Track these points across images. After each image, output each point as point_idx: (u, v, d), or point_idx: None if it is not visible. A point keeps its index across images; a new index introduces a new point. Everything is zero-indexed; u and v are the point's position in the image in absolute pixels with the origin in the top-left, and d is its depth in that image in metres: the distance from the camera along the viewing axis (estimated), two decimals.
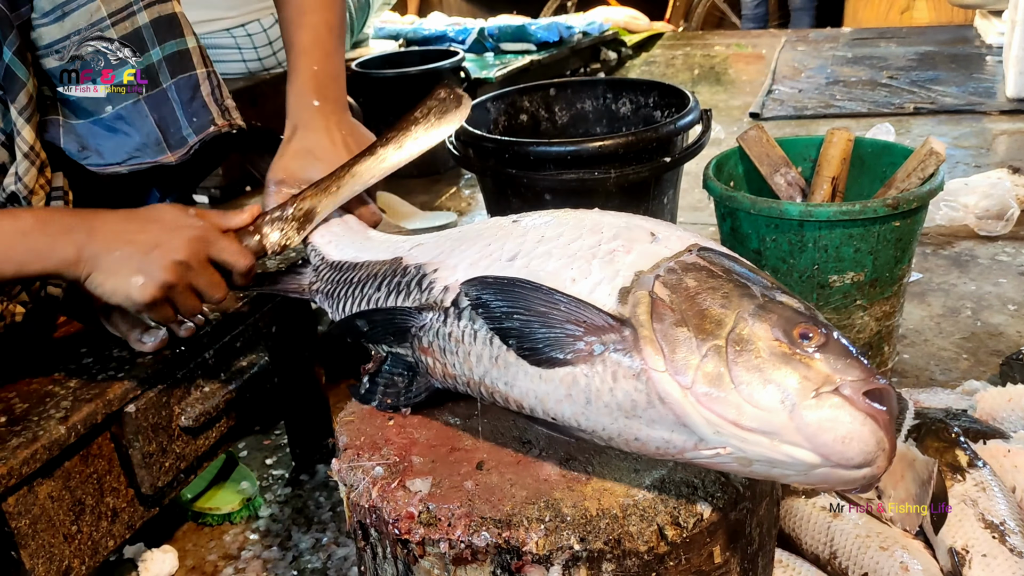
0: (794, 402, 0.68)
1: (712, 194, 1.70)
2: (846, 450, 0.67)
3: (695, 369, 0.71)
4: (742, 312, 0.74)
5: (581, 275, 0.81)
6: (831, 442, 0.67)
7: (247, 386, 1.36)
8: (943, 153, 1.61)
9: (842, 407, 0.68)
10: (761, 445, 0.69)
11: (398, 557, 0.85)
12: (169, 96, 1.21)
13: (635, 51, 5.09)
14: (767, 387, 0.69)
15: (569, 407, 0.78)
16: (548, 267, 0.83)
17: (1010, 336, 1.92)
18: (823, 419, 0.67)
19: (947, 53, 4.45)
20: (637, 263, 0.80)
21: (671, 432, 0.73)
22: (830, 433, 0.67)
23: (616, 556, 0.78)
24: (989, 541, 1.20)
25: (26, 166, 1.14)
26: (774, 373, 0.70)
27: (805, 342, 0.71)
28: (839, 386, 0.69)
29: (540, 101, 2.22)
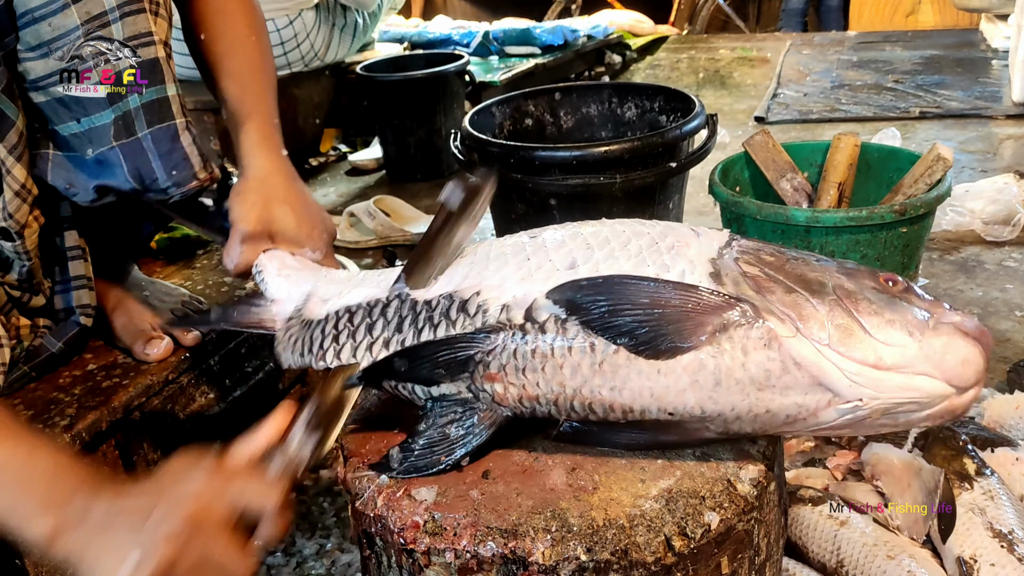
0: (920, 333, 0.75)
1: (718, 199, 1.69)
2: (965, 372, 0.75)
3: (827, 325, 0.76)
4: (831, 272, 0.81)
5: (661, 270, 0.81)
6: (955, 366, 0.75)
7: (252, 392, 1.36)
8: (950, 159, 1.60)
9: (956, 334, 0.76)
10: (897, 382, 0.75)
11: (403, 566, 0.84)
12: (144, 146, 1.15)
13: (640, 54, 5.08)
14: (894, 325, 0.76)
15: (694, 395, 0.79)
16: (623, 267, 0.82)
17: (1017, 342, 1.91)
18: (946, 345, 0.75)
19: (953, 57, 4.43)
20: (703, 253, 0.83)
21: (804, 395, 0.77)
22: (953, 357, 0.75)
23: (623, 567, 0.78)
24: (997, 550, 1.19)
25: (17, 204, 1.12)
26: (894, 313, 0.77)
27: (893, 286, 0.80)
28: (943, 319, 0.77)
29: (545, 105, 2.21)
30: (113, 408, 1.15)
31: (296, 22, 3.08)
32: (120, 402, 1.16)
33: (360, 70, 3.17)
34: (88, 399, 1.15)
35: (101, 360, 1.24)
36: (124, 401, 1.17)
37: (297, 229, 1.12)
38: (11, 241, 1.14)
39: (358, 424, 0.99)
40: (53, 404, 1.14)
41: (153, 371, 1.21)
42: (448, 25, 4.55)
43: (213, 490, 0.78)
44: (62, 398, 1.15)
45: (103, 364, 1.23)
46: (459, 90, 3.21)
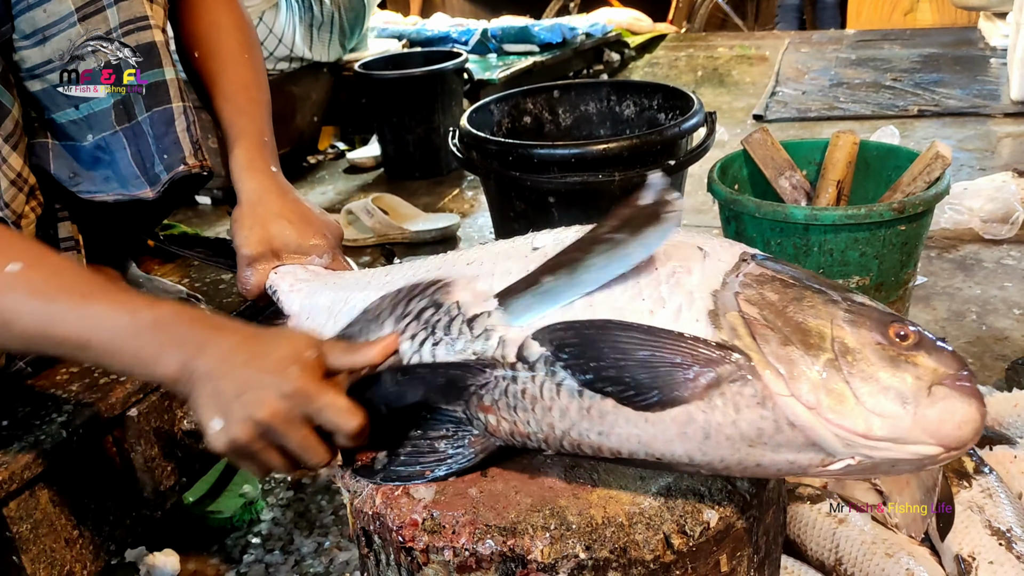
0: (915, 403, 0.71)
1: (717, 197, 1.69)
2: (962, 434, 0.71)
3: (818, 388, 0.71)
4: (836, 320, 0.75)
5: (656, 305, 0.77)
6: (951, 431, 0.71)
7: None
8: (949, 157, 1.60)
9: (951, 396, 0.72)
10: (890, 450, 0.72)
11: (402, 564, 0.84)
12: (144, 128, 1.15)
13: (638, 52, 5.08)
14: (888, 394, 0.71)
15: (682, 445, 0.76)
16: (616, 302, 0.78)
17: (1016, 340, 1.91)
18: (941, 412, 0.71)
19: (951, 55, 4.44)
20: (705, 283, 0.78)
21: (798, 453, 0.74)
22: (949, 423, 0.71)
23: (622, 565, 0.78)
24: (996, 548, 1.19)
25: (13, 193, 1.11)
26: (890, 379, 0.72)
27: (903, 341, 0.74)
28: (943, 379, 0.72)
29: (544, 103, 2.21)
30: (110, 404, 1.14)
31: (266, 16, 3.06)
32: (117, 398, 1.15)
33: (358, 67, 3.16)
34: (85, 395, 1.14)
35: None
36: (121, 397, 1.16)
37: (299, 241, 1.11)
38: None
39: None
40: (50, 400, 1.13)
41: None
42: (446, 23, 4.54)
43: (299, 395, 0.82)
44: (59, 395, 1.15)
45: None
46: (457, 88, 3.21)
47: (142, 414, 1.19)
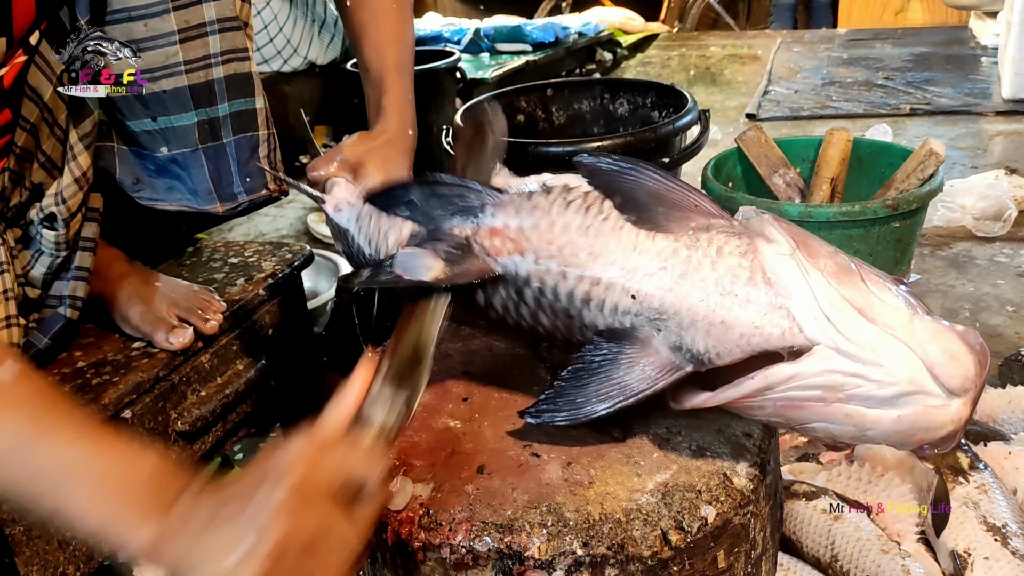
0: (918, 308, 0.72)
1: (711, 195, 1.69)
2: (950, 365, 0.70)
3: (827, 257, 0.74)
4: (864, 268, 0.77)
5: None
6: (941, 352, 0.70)
7: (244, 389, 1.35)
8: (942, 154, 1.60)
9: (955, 331, 0.72)
10: (870, 339, 0.70)
11: (398, 563, 0.84)
12: (227, 151, 1.19)
13: (630, 52, 5.08)
14: (897, 296, 0.73)
15: (657, 281, 0.78)
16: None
17: (1009, 337, 1.92)
18: (940, 331, 0.71)
19: (942, 54, 4.45)
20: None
21: (763, 315, 0.74)
22: (943, 344, 0.70)
23: (619, 561, 0.77)
24: (991, 544, 1.20)
25: (73, 190, 1.13)
26: (899, 292, 0.74)
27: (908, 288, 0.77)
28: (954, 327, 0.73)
29: (537, 101, 2.21)
30: (104, 406, 1.13)
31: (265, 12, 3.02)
32: (110, 400, 1.14)
33: (350, 67, 3.15)
34: (78, 397, 1.14)
35: (91, 357, 1.23)
36: (114, 399, 1.15)
37: (380, 187, 1.14)
38: (55, 230, 1.14)
39: None
40: None
41: (144, 368, 1.20)
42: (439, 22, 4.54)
43: (312, 459, 0.71)
44: None
45: (93, 361, 1.22)
46: (450, 87, 3.20)
47: (136, 415, 1.18)
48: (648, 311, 0.79)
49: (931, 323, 0.72)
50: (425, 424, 0.95)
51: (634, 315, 0.80)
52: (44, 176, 1.14)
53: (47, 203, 1.13)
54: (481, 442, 0.91)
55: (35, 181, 1.14)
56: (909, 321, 0.70)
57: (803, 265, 0.73)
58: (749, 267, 0.74)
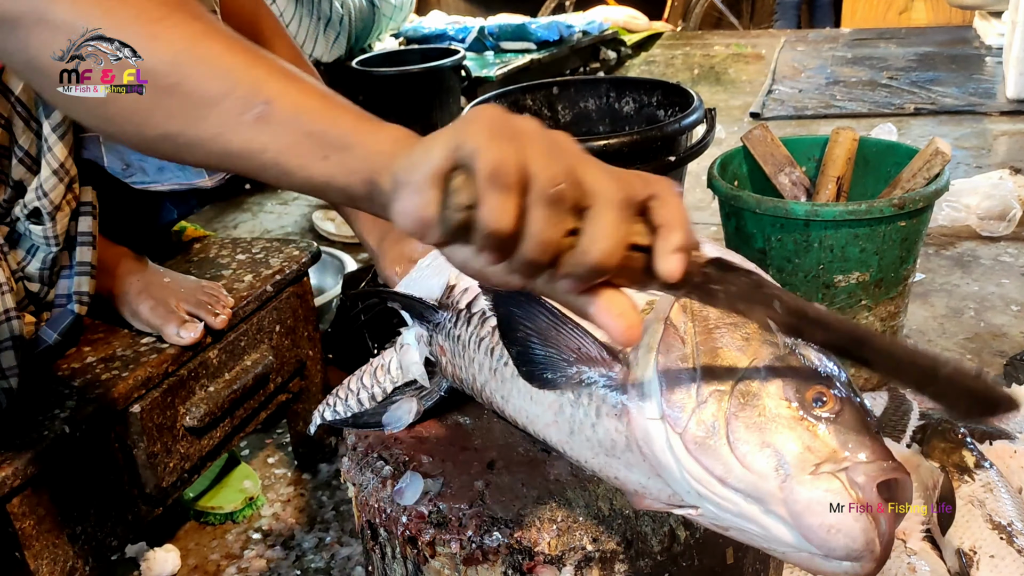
0: (789, 473, 0.61)
1: (717, 193, 1.69)
2: (829, 540, 0.60)
3: (690, 413, 0.64)
4: (758, 360, 0.66)
5: None
6: (815, 527, 0.60)
7: (251, 385, 1.35)
8: (949, 153, 1.60)
9: (839, 493, 0.60)
10: (739, 509, 0.63)
11: (408, 557, 0.84)
12: None
13: (634, 50, 5.08)
14: (764, 450, 0.62)
15: (555, 433, 0.77)
16: None
17: (1013, 337, 1.92)
18: (814, 500, 0.60)
19: (947, 54, 4.45)
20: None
21: (647, 479, 0.69)
22: (817, 517, 0.60)
23: (629, 557, 0.78)
24: (997, 542, 1.20)
25: (53, 182, 1.12)
26: (775, 436, 0.62)
27: (817, 407, 0.64)
28: (845, 467, 0.61)
29: (543, 100, 2.21)
30: (113, 400, 1.14)
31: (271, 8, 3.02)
32: (120, 394, 1.15)
33: (355, 64, 3.16)
34: (87, 391, 1.14)
35: (100, 352, 1.23)
36: (124, 393, 1.16)
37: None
38: (41, 225, 1.14)
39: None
40: (52, 396, 1.13)
41: (152, 364, 1.20)
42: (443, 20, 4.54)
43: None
44: (61, 390, 1.14)
45: (102, 356, 1.22)
46: (455, 85, 3.21)
47: (145, 410, 1.18)
48: (561, 454, 0.81)
49: (804, 488, 0.60)
50: (435, 420, 0.95)
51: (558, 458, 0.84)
52: (24, 172, 1.13)
53: (29, 198, 1.13)
54: (491, 438, 0.91)
55: (16, 177, 1.13)
56: (778, 491, 0.61)
57: (668, 434, 0.65)
58: (625, 432, 0.69)
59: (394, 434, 0.94)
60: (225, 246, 1.54)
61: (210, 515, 1.55)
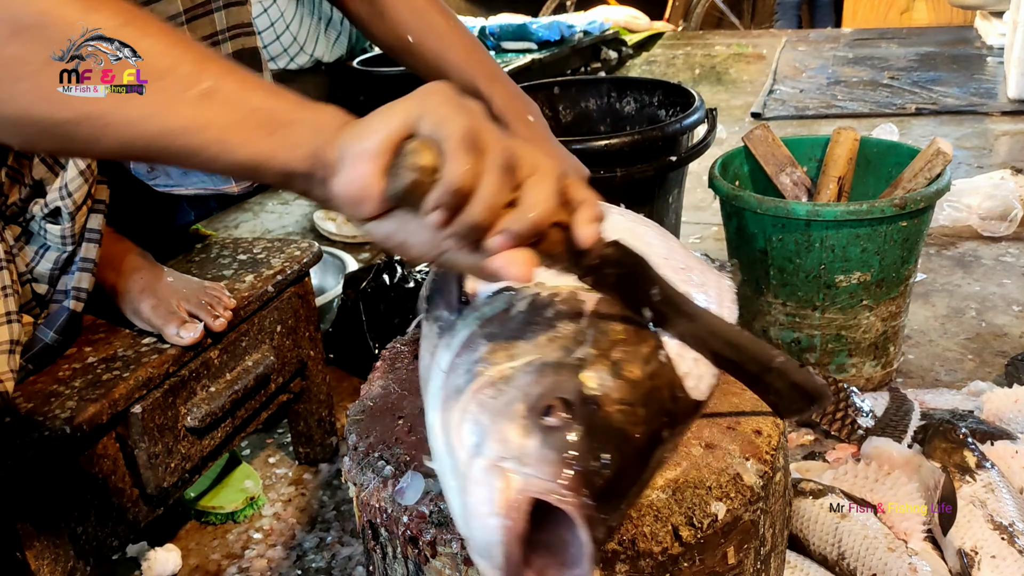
0: (480, 453, 0.65)
1: (718, 193, 1.69)
2: (468, 524, 0.64)
3: (457, 376, 0.72)
4: (536, 358, 0.70)
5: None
6: (469, 507, 0.64)
7: (252, 385, 1.35)
8: (950, 153, 1.60)
9: (497, 492, 0.62)
10: (442, 472, 0.70)
11: (408, 557, 0.84)
12: None
13: (635, 50, 5.08)
14: (475, 427, 0.67)
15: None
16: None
17: (1015, 337, 1.92)
18: (479, 484, 0.64)
19: (948, 54, 4.45)
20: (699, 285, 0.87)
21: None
22: (472, 499, 0.64)
23: (630, 557, 0.77)
24: (998, 542, 1.20)
25: (79, 183, 1.12)
26: (491, 420, 0.66)
27: (544, 417, 0.66)
28: (523, 473, 0.63)
29: (544, 99, 2.21)
30: (114, 401, 1.14)
31: (271, 9, 3.02)
32: (121, 395, 1.15)
33: (356, 64, 3.16)
34: (88, 392, 1.14)
35: (101, 353, 1.23)
36: (125, 394, 1.15)
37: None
38: (59, 224, 1.14)
39: (362, 416, 0.98)
40: (53, 397, 1.13)
41: (154, 364, 1.20)
42: None
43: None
44: (62, 391, 1.14)
45: (103, 357, 1.22)
46: None
47: (146, 411, 1.18)
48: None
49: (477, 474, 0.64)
50: None
51: None
52: (45, 171, 1.13)
53: (52, 198, 1.13)
54: None
55: (36, 177, 1.13)
56: (463, 464, 0.66)
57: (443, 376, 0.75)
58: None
59: (395, 434, 0.93)
60: (227, 246, 1.54)
61: (211, 515, 1.55)
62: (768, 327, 1.71)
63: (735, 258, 1.75)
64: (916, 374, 1.80)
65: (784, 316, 1.68)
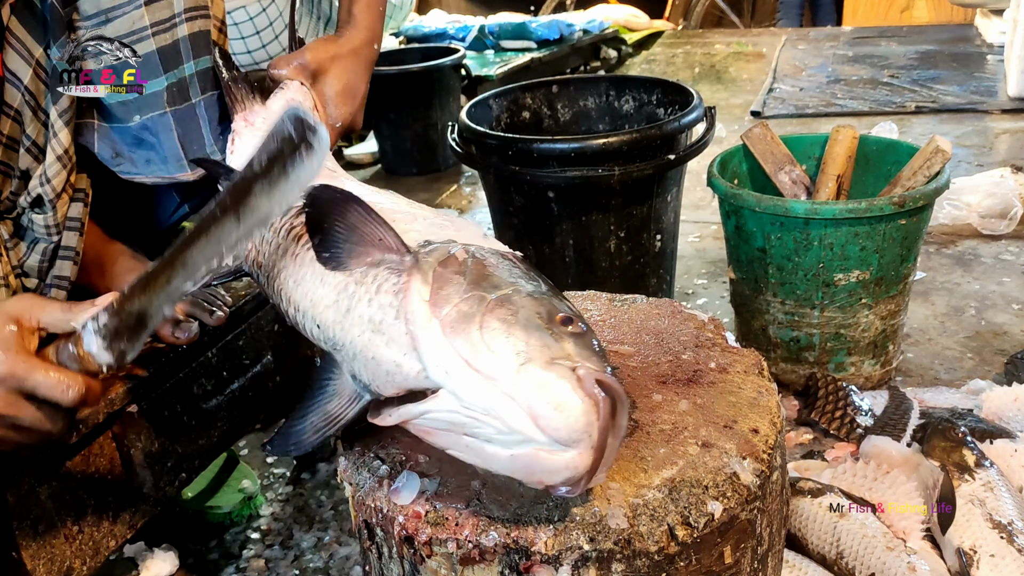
0: (528, 358, 0.70)
1: (717, 192, 1.69)
2: (554, 417, 0.68)
3: (453, 305, 0.74)
4: (516, 286, 0.78)
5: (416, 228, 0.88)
6: (544, 403, 0.68)
7: (249, 385, 1.35)
8: (949, 151, 1.60)
9: (569, 378, 0.69)
10: (478, 389, 0.70)
11: (404, 557, 0.84)
12: (197, 112, 1.18)
13: (635, 49, 5.08)
14: (509, 338, 0.71)
15: (332, 314, 0.82)
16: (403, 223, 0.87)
17: (1014, 335, 1.91)
18: (546, 380, 0.69)
19: (948, 52, 4.44)
20: (457, 237, 0.86)
21: (403, 356, 0.76)
22: (547, 395, 0.68)
23: (626, 556, 0.77)
24: (997, 541, 1.20)
25: (57, 168, 1.13)
26: (520, 331, 0.72)
27: (564, 326, 0.74)
28: (576, 366, 0.70)
29: (543, 98, 2.21)
30: (110, 400, 1.13)
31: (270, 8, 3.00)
32: (117, 394, 1.15)
33: None
34: None
35: None
36: (120, 394, 1.15)
37: (335, 97, 1.20)
38: (43, 213, 1.14)
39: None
40: None
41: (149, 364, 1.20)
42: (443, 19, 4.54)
43: (11, 380, 0.83)
44: None
45: None
46: (455, 84, 3.20)
47: (142, 411, 1.18)
48: (327, 341, 0.84)
49: (540, 372, 0.69)
50: None
51: (323, 343, 0.85)
52: (31, 161, 1.13)
53: (33, 184, 1.13)
54: None
55: (22, 167, 1.13)
56: (515, 372, 0.70)
57: (429, 316, 0.75)
58: (397, 307, 0.77)
59: (390, 434, 0.93)
60: None
61: (209, 514, 1.55)
62: (767, 326, 1.71)
63: (735, 257, 1.75)
64: (915, 373, 1.80)
65: (783, 315, 1.67)
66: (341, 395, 0.85)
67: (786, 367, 1.72)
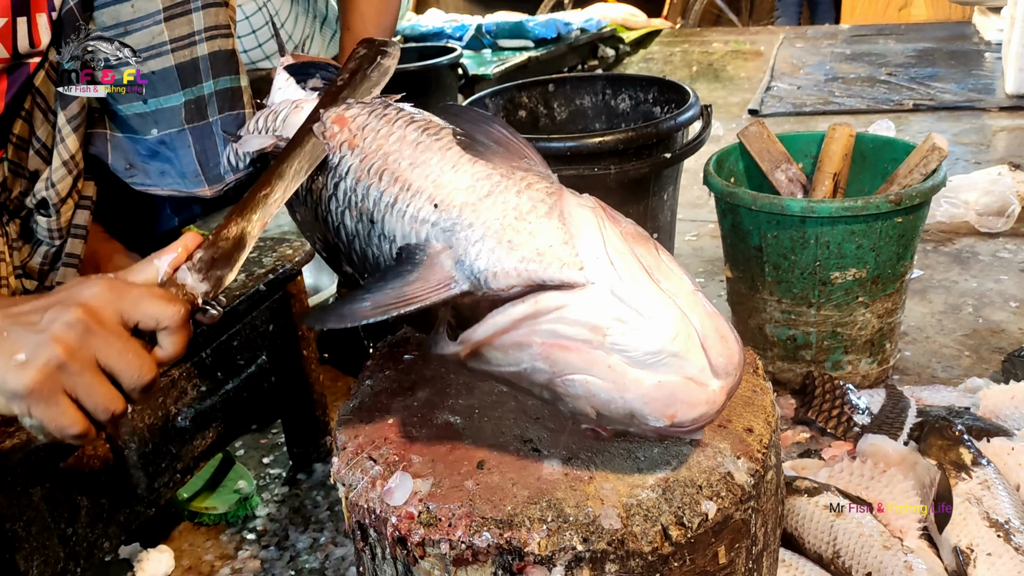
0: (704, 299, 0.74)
1: (713, 190, 1.69)
2: (720, 346, 0.71)
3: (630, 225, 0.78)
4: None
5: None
6: (713, 329, 0.72)
7: (244, 385, 1.35)
8: (945, 149, 1.59)
9: (729, 325, 0.74)
10: (649, 294, 0.71)
11: (397, 558, 0.83)
12: (214, 131, 1.20)
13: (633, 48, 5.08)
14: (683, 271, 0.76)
15: (463, 195, 0.81)
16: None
17: (1012, 333, 1.91)
18: (716, 315, 0.73)
19: (946, 50, 4.44)
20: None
21: (549, 246, 0.75)
22: (716, 323, 0.72)
23: (619, 557, 0.77)
24: (994, 540, 1.19)
25: (62, 173, 1.13)
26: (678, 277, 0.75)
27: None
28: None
29: (539, 97, 2.20)
30: None
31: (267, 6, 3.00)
32: None
33: None
34: None
35: None
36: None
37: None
38: (47, 216, 1.15)
39: (351, 416, 0.98)
40: None
41: None
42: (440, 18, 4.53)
43: (109, 296, 0.75)
44: None
45: None
46: (452, 83, 3.20)
47: (136, 411, 1.18)
48: (445, 220, 0.81)
49: (710, 307, 0.73)
50: (425, 420, 0.95)
51: (431, 224, 0.82)
52: (39, 162, 1.14)
53: (38, 188, 1.14)
54: (481, 437, 0.90)
55: (31, 168, 1.14)
56: (692, 294, 0.73)
57: (601, 219, 0.75)
58: (550, 204, 0.77)
59: (384, 434, 0.93)
60: None
61: (204, 515, 1.54)
62: (763, 324, 1.71)
63: (731, 255, 1.75)
64: (912, 371, 1.80)
65: (779, 313, 1.67)
66: (427, 279, 0.80)
67: (783, 365, 1.72)
